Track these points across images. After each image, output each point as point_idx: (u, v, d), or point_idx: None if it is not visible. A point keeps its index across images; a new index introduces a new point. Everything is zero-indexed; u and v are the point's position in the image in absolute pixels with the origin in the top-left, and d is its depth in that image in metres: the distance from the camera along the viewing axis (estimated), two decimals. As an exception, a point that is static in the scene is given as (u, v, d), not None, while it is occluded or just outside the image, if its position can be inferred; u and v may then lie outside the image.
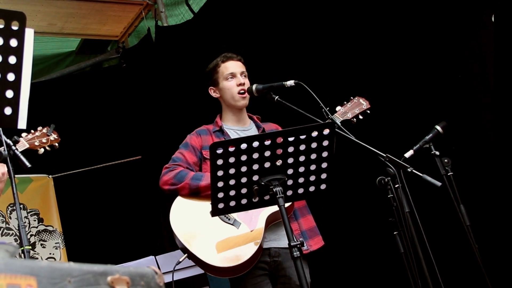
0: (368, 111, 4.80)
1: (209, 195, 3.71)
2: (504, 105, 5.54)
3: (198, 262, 4.11)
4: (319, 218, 4.81)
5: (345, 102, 4.79)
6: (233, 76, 4.72)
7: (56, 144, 4.77)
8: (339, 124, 4.35)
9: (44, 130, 4.73)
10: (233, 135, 4.65)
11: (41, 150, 4.69)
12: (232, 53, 4.85)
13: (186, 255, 4.11)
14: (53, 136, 4.76)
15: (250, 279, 4.24)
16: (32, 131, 4.68)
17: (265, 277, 4.31)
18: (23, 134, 4.60)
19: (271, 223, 4.24)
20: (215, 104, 4.87)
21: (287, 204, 4.19)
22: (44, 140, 4.69)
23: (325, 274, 6.99)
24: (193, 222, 4.17)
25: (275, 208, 3.92)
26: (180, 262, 4.21)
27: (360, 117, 4.76)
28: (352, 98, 4.85)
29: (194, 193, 4.30)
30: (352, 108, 4.75)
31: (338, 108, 4.71)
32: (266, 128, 4.79)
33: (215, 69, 4.79)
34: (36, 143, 4.65)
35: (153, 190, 8.73)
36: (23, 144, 4.58)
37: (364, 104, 4.81)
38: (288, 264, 4.30)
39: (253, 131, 4.75)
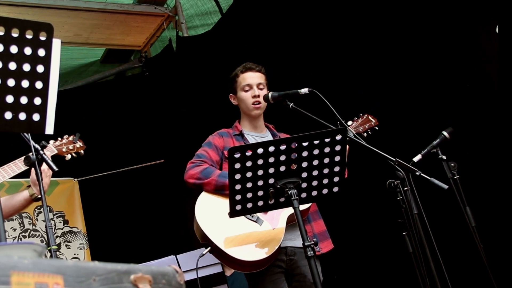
0: (377, 128, 4.93)
1: None
2: (509, 111, 5.53)
3: (220, 255, 4.07)
4: (332, 219, 4.80)
5: (356, 118, 4.91)
6: (249, 88, 4.70)
7: (82, 152, 4.80)
8: (354, 133, 4.39)
9: (71, 138, 4.76)
10: (251, 140, 4.64)
11: (68, 156, 4.72)
12: (253, 64, 4.82)
13: (209, 248, 4.08)
14: (79, 144, 4.79)
15: (268, 276, 4.23)
16: (59, 138, 4.70)
17: (281, 275, 4.31)
18: (51, 141, 4.63)
19: (291, 222, 4.22)
20: (234, 110, 4.88)
21: (303, 207, 4.20)
22: (70, 147, 4.72)
23: (337, 273, 6.98)
24: (217, 217, 4.12)
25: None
26: (204, 254, 4.18)
27: (369, 132, 4.87)
28: (362, 114, 4.96)
29: (219, 190, 4.26)
30: (363, 124, 4.89)
31: (349, 122, 4.78)
32: (281, 137, 4.77)
33: (234, 78, 4.79)
34: (64, 150, 4.67)
35: (175, 193, 8.76)
36: (51, 150, 4.61)
37: (373, 121, 4.95)
38: (302, 263, 4.30)
39: (269, 138, 4.73)
